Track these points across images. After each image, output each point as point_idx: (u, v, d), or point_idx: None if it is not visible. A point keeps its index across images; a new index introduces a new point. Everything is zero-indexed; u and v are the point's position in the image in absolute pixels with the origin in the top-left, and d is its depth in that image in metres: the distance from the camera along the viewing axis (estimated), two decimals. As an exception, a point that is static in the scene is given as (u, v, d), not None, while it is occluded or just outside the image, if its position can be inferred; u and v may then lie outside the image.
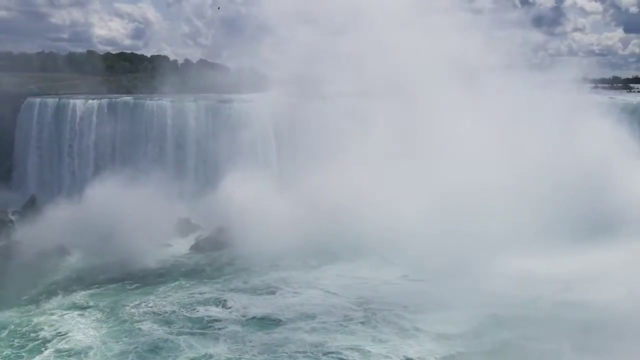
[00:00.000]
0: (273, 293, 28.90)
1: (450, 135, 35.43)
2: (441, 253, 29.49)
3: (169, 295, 29.10)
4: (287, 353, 22.65)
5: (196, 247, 37.94)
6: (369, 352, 22.88)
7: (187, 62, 62.65)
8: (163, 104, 45.70)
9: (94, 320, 26.28)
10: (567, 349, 21.59)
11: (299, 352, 22.65)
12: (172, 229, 39.51)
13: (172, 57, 69.95)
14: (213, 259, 35.58)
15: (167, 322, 25.79)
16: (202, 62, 57.90)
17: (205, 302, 27.83)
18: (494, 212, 30.80)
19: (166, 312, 26.80)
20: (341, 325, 24.97)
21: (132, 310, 27.30)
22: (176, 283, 31.20)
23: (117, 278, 31.82)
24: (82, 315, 26.87)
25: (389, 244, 31.60)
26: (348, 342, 23.60)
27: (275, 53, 44.42)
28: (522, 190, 32.25)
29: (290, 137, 43.02)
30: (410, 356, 22.69)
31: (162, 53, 73.78)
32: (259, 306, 26.96)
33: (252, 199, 38.04)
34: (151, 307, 27.58)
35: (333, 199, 36.38)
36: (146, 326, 25.34)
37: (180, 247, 37.85)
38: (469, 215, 30.76)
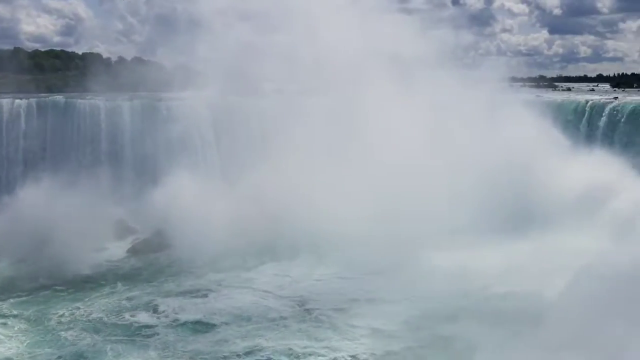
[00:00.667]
0: (207, 296, 27.95)
1: (384, 133, 35.40)
2: (376, 251, 29.36)
3: (99, 302, 27.77)
4: (219, 358, 21.82)
5: (133, 250, 36.45)
6: (304, 352, 22.36)
7: (121, 59, 60.61)
8: (96, 103, 43.76)
9: (17, 330, 24.73)
10: (498, 338, 21.37)
11: (232, 357, 21.88)
12: (108, 232, 37.95)
13: (105, 55, 67.41)
14: (150, 262, 34.27)
15: (95, 330, 24.50)
16: (137, 60, 56.09)
17: (137, 308, 26.65)
18: (427, 208, 30.96)
19: (95, 319, 25.49)
20: (276, 326, 24.35)
21: (60, 318, 25.84)
22: (109, 288, 29.86)
23: (46, 285, 30.19)
24: (4, 325, 25.28)
25: (326, 242, 31.28)
26: (283, 343, 22.99)
27: (212, 50, 43.23)
28: (452, 186, 32.56)
29: (230, 136, 42.13)
30: (346, 353, 22.29)
31: (95, 50, 71.12)
32: (192, 310, 25.97)
33: (192, 199, 36.99)
34: (80, 314, 26.19)
35: (273, 197, 35.81)
36: (72, 335, 24.00)
37: (117, 250, 36.34)
38: (403, 212, 30.82)
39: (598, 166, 35.65)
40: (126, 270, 33.22)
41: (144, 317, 25.46)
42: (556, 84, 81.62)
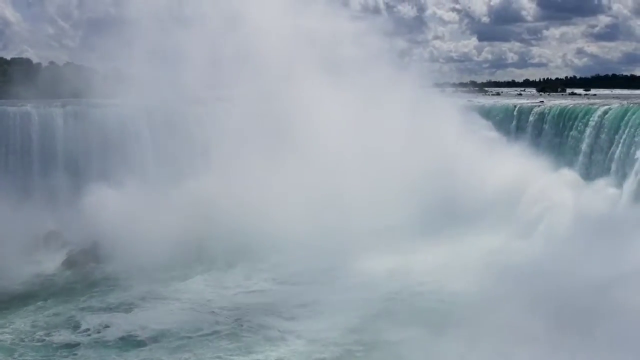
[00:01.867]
0: (135, 310, 26.25)
1: (317, 135, 34.86)
2: (311, 256, 28.73)
3: (21, 319, 25.64)
4: (145, 376, 20.57)
5: (67, 263, 34.11)
6: (236, 364, 21.42)
7: (52, 64, 57.57)
8: (27, 110, 41.31)
9: None
10: (434, 336, 21.58)
11: (159, 374, 20.67)
12: (40, 244, 35.72)
13: (35, 60, 64.28)
14: (84, 276, 32.22)
15: (10, 351, 22.38)
16: (69, 65, 53.33)
17: (59, 325, 24.66)
18: (360, 211, 30.62)
19: (13, 339, 23.37)
20: (207, 340, 23.01)
21: (-26, 339, 23.62)
22: (37, 304, 27.70)
23: (-32, 303, 27.84)
24: None
25: (262, 249, 30.40)
26: (213, 357, 21.81)
27: (148, 55, 41.53)
28: (384, 189, 32.29)
29: (166, 142, 40.55)
30: (280, 363, 21.50)
31: (24, 55, 67.72)
32: (118, 326, 24.21)
33: (128, 208, 35.19)
34: (-2, 334, 24.00)
35: (210, 204, 34.61)
36: (-15, 358, 21.97)
37: (50, 263, 33.99)
38: (337, 216, 30.34)
39: (524, 167, 36.28)
40: (58, 285, 31.15)
41: (65, 336, 23.60)
42: (486, 89, 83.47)
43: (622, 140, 34.70)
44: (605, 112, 37.45)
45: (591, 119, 37.94)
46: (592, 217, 29.78)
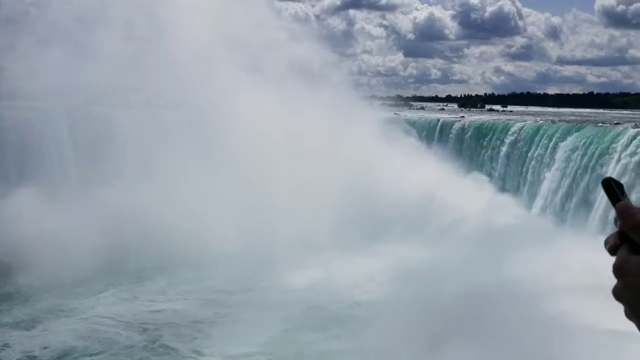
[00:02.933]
0: (38, 327, 23.68)
1: (245, 146, 33.67)
2: (231, 269, 27.35)
3: None
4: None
5: (-24, 276, 31.31)
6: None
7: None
8: None
9: None
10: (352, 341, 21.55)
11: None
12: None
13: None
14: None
15: None
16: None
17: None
18: (283, 222, 29.62)
19: None
20: (115, 358, 21.13)
21: None
22: None
23: None
24: None
25: (182, 261, 28.64)
26: (121, 377, 20.20)
27: (71, 58, 38.86)
28: (308, 197, 31.46)
29: (89, 148, 37.96)
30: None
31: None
32: (20, 344, 21.77)
33: (49, 218, 32.45)
34: None
35: (132, 214, 32.50)
36: None
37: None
38: (261, 227, 29.26)
39: (442, 179, 36.68)
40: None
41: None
42: (412, 103, 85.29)
43: (534, 157, 35.74)
44: (521, 129, 38.56)
45: (507, 134, 38.99)
46: (498, 229, 30.58)
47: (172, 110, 37.82)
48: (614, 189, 1.48)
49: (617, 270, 1.29)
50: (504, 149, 39.01)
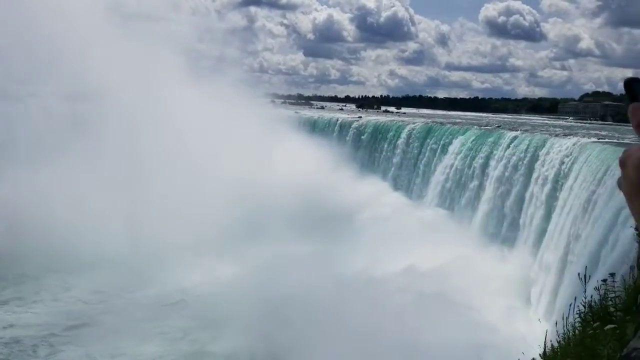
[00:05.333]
0: None
1: (139, 143, 31.92)
2: (118, 272, 25.45)
3: None
4: None
5: None
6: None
7: None
8: None
9: None
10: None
11: None
12: None
13: None
14: None
15: None
16: None
17: None
18: (176, 223, 28.11)
19: None
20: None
21: None
22: None
23: None
24: None
25: (67, 264, 26.39)
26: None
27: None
28: (200, 197, 30.13)
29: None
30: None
31: None
32: None
33: None
34: None
35: (20, 212, 29.70)
36: None
37: None
38: (153, 228, 27.62)
39: (337, 177, 37.15)
40: None
41: None
42: (312, 102, 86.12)
43: (424, 159, 37.31)
44: (412, 130, 40.16)
45: (401, 134, 40.44)
46: (381, 221, 31.57)
47: (66, 105, 35.03)
48: (634, 90, 1.55)
49: (620, 162, 1.53)
50: (398, 149, 40.43)
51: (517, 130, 32.06)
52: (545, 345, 5.97)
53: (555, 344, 5.43)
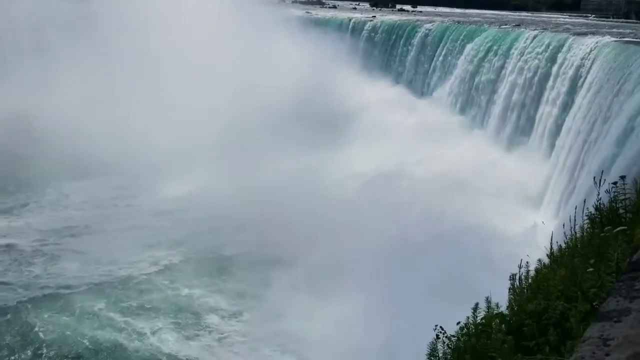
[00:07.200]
0: None
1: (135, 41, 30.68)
2: (106, 180, 25.48)
3: None
4: None
5: None
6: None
7: None
8: None
9: None
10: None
11: None
12: None
13: None
14: None
15: None
16: None
17: None
18: (167, 132, 27.19)
19: None
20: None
21: None
22: None
23: None
24: None
25: (79, 170, 25.97)
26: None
27: None
28: (199, 105, 28.83)
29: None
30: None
31: None
32: None
33: None
34: None
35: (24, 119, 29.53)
36: None
37: None
38: (142, 136, 26.97)
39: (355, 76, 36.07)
40: None
41: None
42: (323, 1, 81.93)
43: (440, 61, 36.03)
44: (429, 30, 38.50)
45: (417, 35, 38.84)
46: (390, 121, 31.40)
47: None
48: None
49: None
50: (412, 49, 38.98)
51: (535, 30, 30.58)
52: (551, 245, 5.99)
53: (563, 245, 5.45)
